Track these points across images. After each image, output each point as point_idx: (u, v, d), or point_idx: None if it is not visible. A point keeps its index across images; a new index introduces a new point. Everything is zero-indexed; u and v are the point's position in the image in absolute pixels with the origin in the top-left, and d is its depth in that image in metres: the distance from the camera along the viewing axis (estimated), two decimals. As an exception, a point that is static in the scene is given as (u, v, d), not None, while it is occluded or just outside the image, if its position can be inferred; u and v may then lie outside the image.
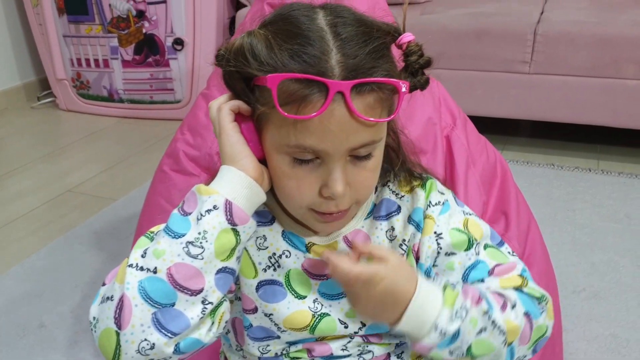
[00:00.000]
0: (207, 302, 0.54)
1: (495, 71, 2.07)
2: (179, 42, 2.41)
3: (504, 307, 0.62)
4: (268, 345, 0.66)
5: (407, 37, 0.59)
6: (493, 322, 0.60)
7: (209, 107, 0.62)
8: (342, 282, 0.58)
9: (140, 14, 2.39)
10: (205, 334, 0.55)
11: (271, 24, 0.58)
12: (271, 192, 0.65)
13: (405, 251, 0.66)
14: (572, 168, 2.00)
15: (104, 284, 0.56)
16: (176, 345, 0.53)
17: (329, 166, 0.56)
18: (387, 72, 0.55)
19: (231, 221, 0.55)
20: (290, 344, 0.66)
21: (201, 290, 0.53)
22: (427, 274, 0.66)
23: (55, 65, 2.61)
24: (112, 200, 1.89)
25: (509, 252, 0.69)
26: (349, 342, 0.66)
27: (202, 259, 0.53)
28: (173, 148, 1.15)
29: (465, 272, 0.66)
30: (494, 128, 2.13)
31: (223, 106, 0.59)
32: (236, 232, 0.55)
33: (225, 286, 0.56)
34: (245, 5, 2.40)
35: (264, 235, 0.65)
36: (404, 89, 0.56)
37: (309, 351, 0.66)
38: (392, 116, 0.57)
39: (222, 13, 2.43)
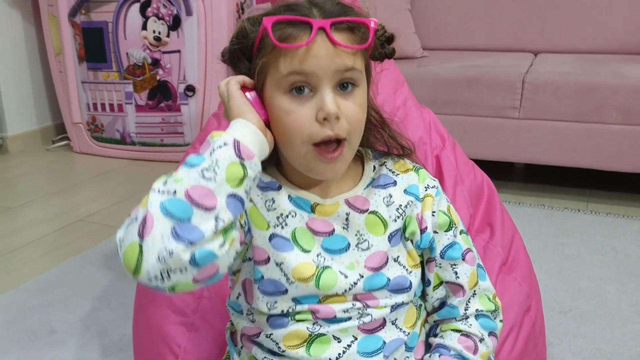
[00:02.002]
0: (219, 219, 0.61)
1: (487, 116, 2.19)
2: (190, 89, 2.56)
3: (475, 351, 0.77)
4: (276, 302, 0.72)
5: (373, 20, 0.72)
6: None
7: (218, 86, 0.73)
8: None
9: (155, 62, 2.55)
10: (218, 248, 0.61)
11: (262, 12, 0.71)
12: (276, 166, 0.76)
13: (399, 213, 0.76)
14: (562, 209, 2.09)
15: (129, 216, 0.65)
16: (192, 254, 0.59)
17: (320, 93, 0.67)
18: (358, 16, 0.69)
19: (239, 155, 0.64)
20: (297, 302, 0.73)
21: (214, 208, 0.61)
22: (431, 242, 0.77)
23: (72, 110, 2.76)
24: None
25: (471, 240, 0.82)
26: (351, 306, 0.73)
27: (215, 181, 0.62)
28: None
29: (443, 249, 0.78)
30: (487, 171, 2.22)
31: (230, 79, 0.72)
32: (243, 166, 0.64)
33: (235, 210, 0.63)
34: (253, 56, 2.56)
35: (272, 199, 0.74)
36: (372, 25, 0.69)
37: (313, 313, 0.73)
38: (365, 45, 0.68)
39: (232, 63, 2.59)
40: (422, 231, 0.77)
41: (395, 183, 0.78)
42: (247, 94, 0.71)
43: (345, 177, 0.77)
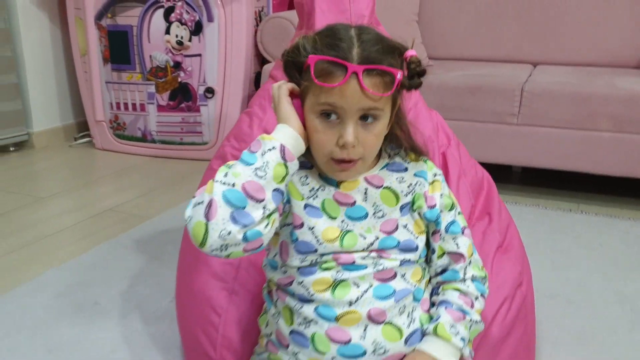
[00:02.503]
0: (266, 208, 0.80)
1: (487, 122, 2.36)
2: (210, 91, 2.73)
3: (472, 305, 0.95)
4: (306, 257, 0.90)
5: (410, 52, 0.88)
6: (473, 321, 0.94)
7: (272, 87, 0.90)
8: None
9: (177, 65, 2.73)
10: (264, 229, 0.80)
11: (318, 32, 0.88)
12: (309, 152, 0.92)
13: (410, 190, 0.93)
14: (555, 209, 2.26)
15: (194, 197, 0.82)
16: (244, 234, 0.79)
17: (344, 123, 0.84)
18: (391, 65, 0.84)
19: (283, 158, 0.82)
20: (323, 254, 0.90)
21: (263, 200, 0.80)
22: (437, 217, 0.95)
23: (96, 108, 2.92)
24: (149, 218, 2.14)
25: (464, 221, 1.00)
26: (367, 255, 0.90)
27: (265, 179, 0.80)
28: (222, 152, 1.42)
29: (447, 225, 0.96)
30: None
31: (282, 85, 0.89)
32: (286, 167, 0.82)
33: (277, 201, 0.82)
34: (269, 62, 2.73)
35: (306, 175, 0.92)
36: (399, 76, 0.84)
37: (335, 260, 0.90)
38: (388, 93, 0.84)
39: (249, 68, 2.76)
40: (431, 207, 0.94)
41: (406, 169, 0.96)
42: (293, 101, 0.88)
43: None
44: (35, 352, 1.35)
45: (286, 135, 0.84)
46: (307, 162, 0.93)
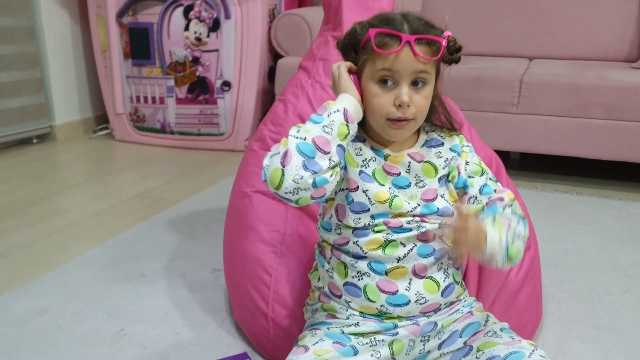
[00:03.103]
0: (331, 160, 0.96)
1: (489, 111, 2.54)
2: (226, 84, 2.89)
3: (517, 223, 1.06)
4: (359, 218, 1.05)
5: (447, 32, 1.05)
6: (518, 234, 1.03)
7: (332, 67, 1.06)
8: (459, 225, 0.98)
9: (196, 60, 2.89)
10: (329, 177, 0.96)
11: (370, 18, 1.04)
12: (362, 128, 1.09)
13: (446, 163, 1.09)
14: (552, 191, 2.45)
15: (270, 151, 0.98)
16: (314, 179, 0.94)
17: (399, 86, 1.00)
18: (436, 35, 1.01)
19: (346, 119, 0.98)
20: (373, 218, 1.05)
21: (329, 152, 0.95)
22: (464, 183, 1.10)
23: (116, 102, 3.08)
24: (177, 202, 2.30)
25: (500, 185, 1.15)
26: (411, 219, 1.06)
27: (331, 135, 0.96)
28: (260, 135, 1.58)
29: (480, 188, 1.11)
30: (488, 159, 2.59)
31: (341, 64, 1.05)
32: (348, 127, 0.98)
33: (340, 155, 0.97)
34: (282, 56, 2.90)
35: (360, 147, 1.08)
36: (444, 43, 1.01)
37: (386, 224, 1.05)
38: (435, 57, 1.00)
39: (264, 62, 2.93)
40: (459, 174, 1.10)
41: (442, 144, 1.11)
42: (351, 76, 1.04)
43: (407, 140, 1.10)
44: (96, 314, 1.51)
45: (348, 102, 1.00)
46: (360, 136, 1.09)
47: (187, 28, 2.86)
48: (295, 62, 2.78)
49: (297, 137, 0.96)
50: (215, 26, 2.83)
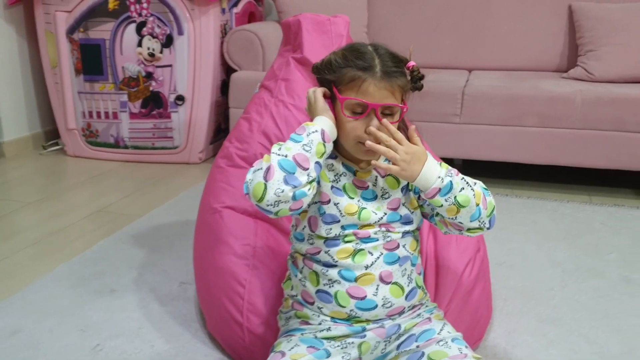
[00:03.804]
0: (309, 175, 1.07)
1: (434, 122, 2.70)
2: (180, 98, 2.95)
3: (474, 184, 1.16)
4: (331, 229, 1.16)
5: (411, 63, 1.17)
6: (468, 183, 1.12)
7: (307, 91, 1.17)
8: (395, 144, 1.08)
9: (149, 75, 2.93)
10: (307, 191, 1.07)
11: (344, 49, 1.16)
12: (333, 146, 1.17)
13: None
14: (493, 194, 2.60)
15: (252, 166, 1.08)
16: (294, 193, 1.05)
17: (370, 115, 1.10)
18: (401, 69, 1.12)
19: (323, 139, 1.10)
20: (343, 229, 1.16)
21: (308, 168, 1.07)
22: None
23: (68, 117, 3.08)
24: (138, 216, 2.35)
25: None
26: (378, 229, 1.17)
27: (310, 153, 1.07)
28: (226, 152, 1.67)
29: None
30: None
31: (317, 90, 1.16)
32: (324, 146, 1.10)
33: (317, 171, 1.08)
34: (235, 70, 2.98)
35: (332, 164, 1.19)
36: (405, 109, 1.14)
37: (355, 234, 1.16)
38: (396, 122, 1.12)
39: (217, 76, 3.01)
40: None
41: None
42: (326, 100, 1.15)
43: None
44: (71, 331, 1.55)
45: (325, 124, 1.12)
46: (333, 153, 1.19)
47: (140, 44, 2.90)
48: (249, 76, 2.88)
49: (279, 154, 1.07)
50: (168, 42, 2.88)
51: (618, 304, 1.69)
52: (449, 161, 2.81)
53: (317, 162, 1.09)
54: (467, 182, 1.13)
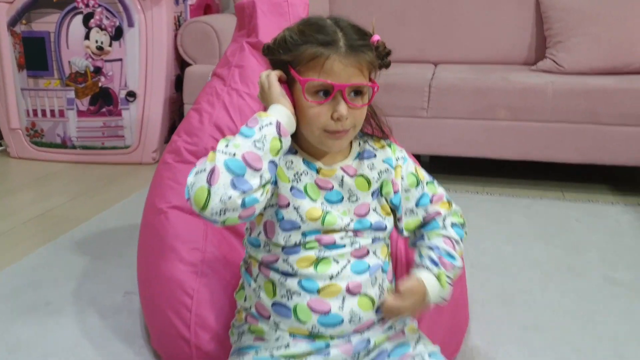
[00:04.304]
0: (262, 177, 0.90)
1: (400, 116, 2.57)
2: (131, 95, 2.76)
3: (454, 247, 1.09)
4: (290, 236, 1.00)
5: (376, 37, 1.01)
6: (457, 267, 1.07)
7: (260, 75, 1.00)
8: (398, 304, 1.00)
9: (98, 70, 2.74)
10: (260, 196, 0.90)
11: (300, 23, 0.99)
12: (293, 139, 1.01)
13: (379, 176, 1.05)
14: (463, 192, 2.51)
15: (195, 166, 0.91)
16: (243, 199, 0.88)
17: (336, 98, 0.95)
18: (366, 41, 0.97)
19: (279, 133, 0.92)
20: (305, 235, 1.00)
21: (260, 169, 0.89)
22: (400, 201, 1.07)
23: (10, 116, 2.87)
24: (85, 220, 2.16)
25: (437, 185, 1.13)
26: (345, 235, 1.01)
27: (263, 151, 0.90)
28: (174, 147, 1.50)
29: (417, 201, 1.09)
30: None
31: (271, 73, 0.99)
32: (281, 141, 0.92)
33: (272, 172, 0.91)
34: (190, 64, 2.80)
35: (291, 160, 1.02)
36: (375, 87, 0.98)
37: (318, 241, 1.00)
38: (366, 104, 0.98)
39: (170, 71, 2.82)
40: (395, 192, 1.07)
41: (375, 156, 1.07)
42: (281, 85, 0.98)
43: (340, 151, 1.05)
44: (-4, 352, 1.38)
45: (281, 113, 0.94)
46: (292, 148, 1.02)
47: (87, 37, 2.71)
48: (204, 70, 2.70)
49: (226, 153, 0.89)
50: (117, 35, 2.70)
51: (603, 308, 1.57)
52: (416, 157, 2.71)
53: (271, 161, 0.92)
54: (457, 265, 1.09)
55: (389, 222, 1.07)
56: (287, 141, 0.94)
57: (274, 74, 0.99)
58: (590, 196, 2.45)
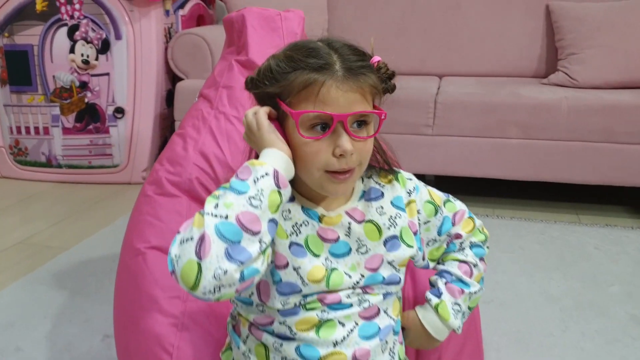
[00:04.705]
0: (262, 242, 0.73)
1: (404, 134, 2.42)
2: (119, 111, 2.61)
3: (470, 274, 0.96)
4: (288, 299, 0.84)
5: (376, 58, 0.86)
6: (472, 292, 0.97)
7: (245, 114, 0.84)
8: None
9: (84, 85, 2.59)
10: (261, 265, 0.74)
11: (286, 49, 0.84)
12: (290, 183, 0.85)
13: (391, 222, 0.89)
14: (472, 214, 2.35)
15: (179, 233, 0.75)
16: (241, 272, 0.72)
17: (337, 131, 0.79)
18: (373, 79, 0.82)
19: (277, 184, 0.76)
20: (306, 296, 0.84)
21: (259, 232, 0.73)
22: (419, 238, 0.93)
23: (-7, 133, 2.72)
24: (65, 249, 2.01)
25: (454, 200, 0.99)
26: (352, 292, 0.86)
27: (260, 209, 0.74)
28: (155, 177, 1.35)
29: (438, 229, 0.95)
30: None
31: (258, 110, 0.83)
32: (280, 193, 0.76)
33: (272, 232, 0.75)
34: (182, 79, 2.65)
35: (288, 209, 0.85)
36: (383, 116, 0.83)
37: (321, 300, 0.85)
38: (372, 136, 0.83)
39: (161, 85, 2.68)
40: (414, 233, 0.92)
41: (382, 195, 0.91)
42: (272, 123, 0.82)
43: None
44: (-45, 409, 1.22)
45: (277, 159, 0.78)
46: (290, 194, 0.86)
47: (72, 50, 2.56)
48: (196, 85, 2.54)
49: (216, 216, 0.73)
50: (104, 48, 2.55)
51: (632, 353, 1.41)
52: (421, 177, 2.53)
53: (271, 220, 0.75)
54: (472, 291, 0.98)
55: (402, 274, 0.92)
56: (287, 192, 0.78)
57: (263, 111, 0.83)
58: (608, 219, 2.30)
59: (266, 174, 0.76)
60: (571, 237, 2.13)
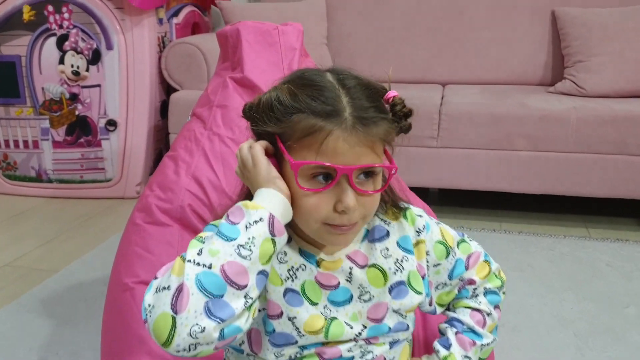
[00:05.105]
0: (248, 297, 0.65)
1: (408, 146, 2.32)
2: (111, 123, 2.52)
3: (484, 324, 0.87)
4: (283, 351, 0.76)
5: (392, 93, 0.77)
6: (484, 344, 0.88)
7: (240, 148, 0.76)
8: None
9: (74, 97, 2.50)
10: (244, 323, 0.66)
11: (291, 81, 0.75)
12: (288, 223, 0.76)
13: (397, 267, 0.81)
14: (479, 229, 2.26)
15: (156, 278, 0.67)
16: (221, 331, 0.64)
17: (342, 186, 0.71)
18: (385, 128, 0.73)
19: (272, 232, 0.68)
20: (303, 348, 0.76)
21: (245, 286, 0.65)
22: (427, 283, 0.84)
23: (-20, 147, 2.63)
24: (54, 272, 1.92)
25: (469, 240, 0.90)
26: (354, 345, 0.78)
27: (250, 260, 0.65)
28: (144, 203, 1.27)
29: (449, 272, 0.86)
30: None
31: (254, 145, 0.74)
32: (274, 242, 0.68)
33: (260, 286, 0.67)
34: (176, 90, 2.56)
35: (284, 251, 0.77)
36: (394, 170, 0.74)
37: (319, 355, 0.77)
38: (380, 190, 0.74)
39: (154, 96, 2.58)
40: (422, 277, 0.83)
41: (388, 234, 0.82)
42: (269, 159, 0.74)
43: None
44: None
45: (273, 202, 0.70)
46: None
47: (62, 61, 2.47)
48: (192, 96, 2.46)
49: (199, 264, 0.65)
50: (95, 58, 2.46)
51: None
52: (425, 190, 2.47)
53: (261, 272, 0.67)
54: (484, 343, 0.88)
55: (411, 319, 0.83)
56: (282, 241, 0.70)
57: (259, 146, 0.74)
58: (619, 234, 2.21)
59: (260, 220, 0.68)
60: (582, 253, 2.04)
